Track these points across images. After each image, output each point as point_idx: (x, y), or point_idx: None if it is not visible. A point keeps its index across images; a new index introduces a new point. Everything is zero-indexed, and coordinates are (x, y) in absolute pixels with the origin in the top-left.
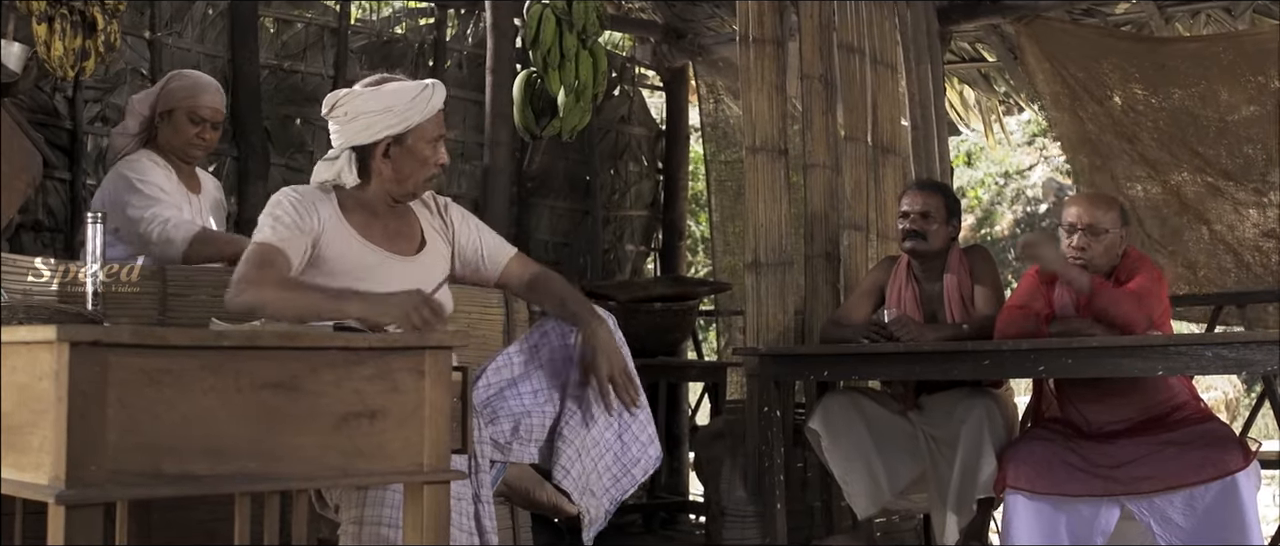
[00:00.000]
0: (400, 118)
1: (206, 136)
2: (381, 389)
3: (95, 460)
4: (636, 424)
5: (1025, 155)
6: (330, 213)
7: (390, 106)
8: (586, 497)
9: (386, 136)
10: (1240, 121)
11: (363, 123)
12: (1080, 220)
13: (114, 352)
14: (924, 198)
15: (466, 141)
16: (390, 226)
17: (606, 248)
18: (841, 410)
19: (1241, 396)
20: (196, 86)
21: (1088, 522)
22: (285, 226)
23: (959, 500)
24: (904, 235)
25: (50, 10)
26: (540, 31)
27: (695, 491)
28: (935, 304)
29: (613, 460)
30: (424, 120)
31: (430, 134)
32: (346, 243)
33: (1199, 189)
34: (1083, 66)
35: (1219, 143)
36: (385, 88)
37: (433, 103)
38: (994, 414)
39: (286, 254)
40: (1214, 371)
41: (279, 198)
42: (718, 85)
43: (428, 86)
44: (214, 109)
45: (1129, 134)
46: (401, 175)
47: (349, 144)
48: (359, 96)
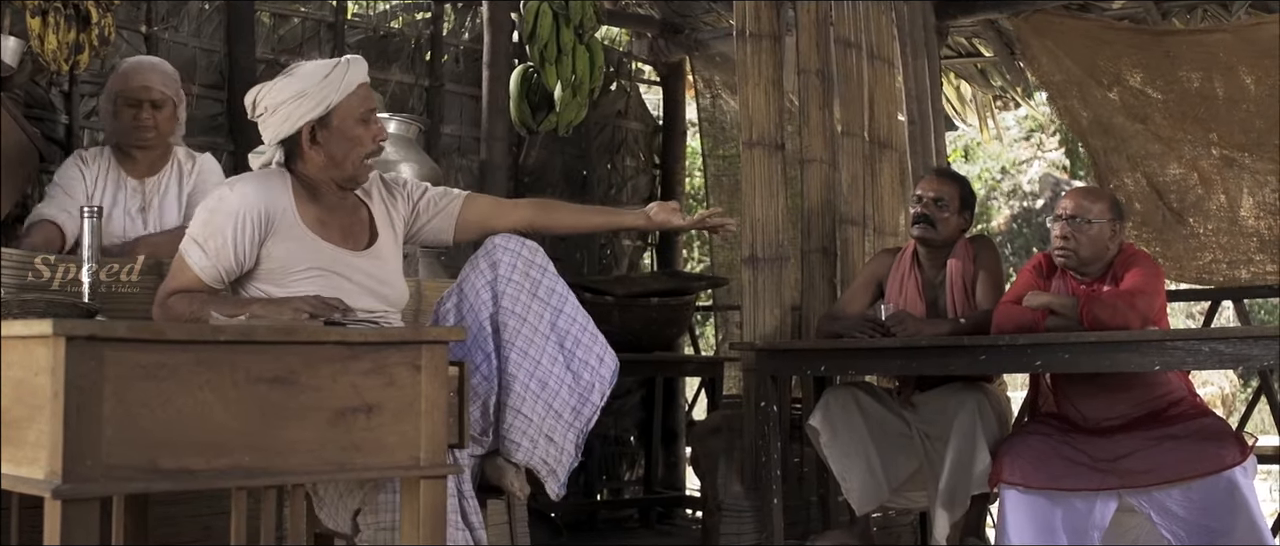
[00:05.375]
0: (316, 100)
1: (147, 119)
2: (378, 383)
3: (91, 455)
4: (582, 346)
5: (1022, 150)
6: (285, 206)
7: (303, 91)
8: (545, 447)
9: (308, 121)
10: (1250, 99)
11: (282, 114)
12: (1065, 209)
13: (110, 347)
14: (940, 184)
15: (463, 136)
16: (344, 221)
17: (603, 242)
18: (841, 406)
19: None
20: (130, 70)
21: (1084, 516)
22: (215, 237)
23: (951, 495)
24: (914, 219)
25: (44, 4)
26: (537, 26)
27: (692, 486)
28: (938, 292)
29: (568, 393)
30: (344, 98)
31: (356, 111)
32: (300, 242)
33: (1216, 162)
34: (1085, 56)
35: (1231, 119)
36: (298, 71)
37: (349, 78)
38: (985, 409)
39: (202, 276)
40: (1211, 366)
41: (226, 197)
42: (715, 80)
43: (341, 63)
44: (144, 87)
45: (1140, 115)
46: (335, 159)
47: (276, 139)
48: (274, 88)
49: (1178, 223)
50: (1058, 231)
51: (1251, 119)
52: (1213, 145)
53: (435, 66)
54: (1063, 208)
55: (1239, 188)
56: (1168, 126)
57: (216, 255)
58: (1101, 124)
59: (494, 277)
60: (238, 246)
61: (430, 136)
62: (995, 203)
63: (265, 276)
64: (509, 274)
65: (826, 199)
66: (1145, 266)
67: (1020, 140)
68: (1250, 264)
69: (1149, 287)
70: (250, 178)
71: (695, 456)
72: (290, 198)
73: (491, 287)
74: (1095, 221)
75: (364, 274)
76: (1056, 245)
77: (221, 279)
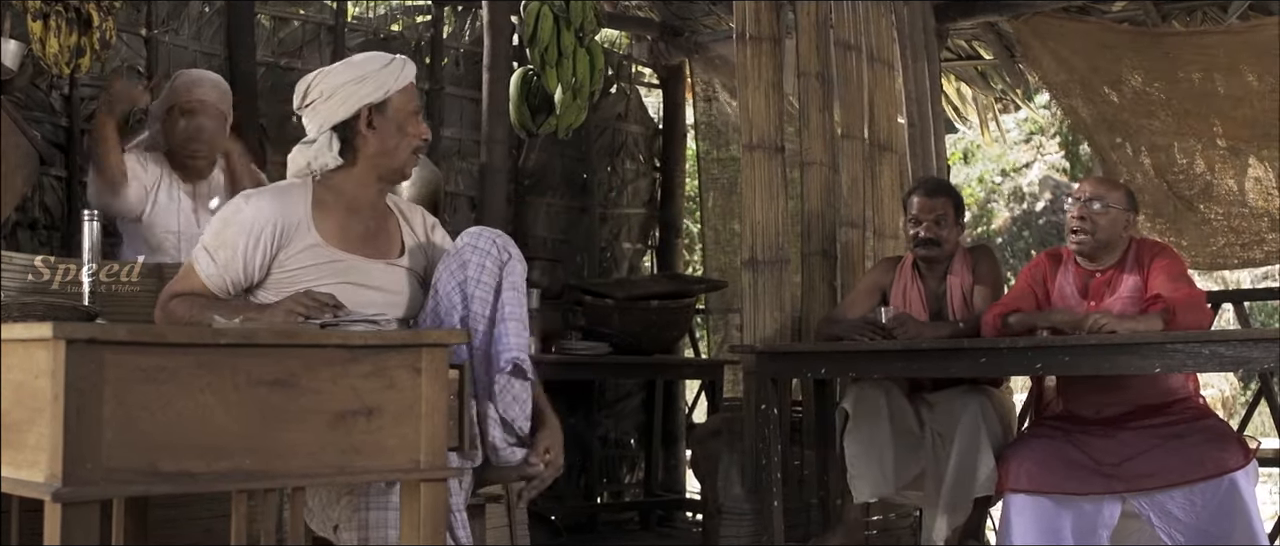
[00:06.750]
0: (377, 84)
1: (198, 130)
2: (378, 386)
3: (92, 458)
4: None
5: (1022, 153)
6: (301, 219)
7: (365, 74)
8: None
9: (367, 105)
10: (1252, 96)
11: (340, 97)
12: (1084, 193)
13: (110, 350)
14: (935, 203)
15: (463, 139)
16: (370, 226)
17: (603, 245)
18: (872, 398)
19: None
20: (190, 81)
21: (1090, 519)
22: (225, 249)
23: (953, 500)
24: (918, 242)
25: (45, 7)
26: (537, 29)
27: (692, 489)
28: (941, 302)
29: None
30: (400, 89)
31: (409, 105)
32: (313, 253)
33: (1222, 151)
34: (1087, 57)
35: (1235, 114)
36: (356, 57)
37: (405, 73)
38: (989, 412)
39: (208, 284)
40: (1212, 369)
41: (242, 209)
42: (715, 83)
43: (397, 58)
44: (201, 100)
45: (1146, 111)
46: (387, 146)
47: (329, 123)
48: (332, 72)
49: (1188, 210)
50: (1075, 213)
51: (1255, 114)
52: (1218, 137)
53: (435, 69)
54: (1081, 191)
55: (1245, 172)
56: (1173, 121)
57: (225, 266)
58: (1106, 121)
59: (464, 278)
60: (248, 260)
61: (431, 139)
62: (995, 205)
63: (276, 286)
64: (477, 275)
65: (826, 202)
66: (1171, 258)
67: (1020, 143)
68: (1263, 244)
69: (1194, 291)
70: (268, 190)
71: (695, 459)
72: (307, 209)
73: (461, 289)
74: (1113, 207)
75: (382, 282)
76: (1073, 227)
77: (227, 289)
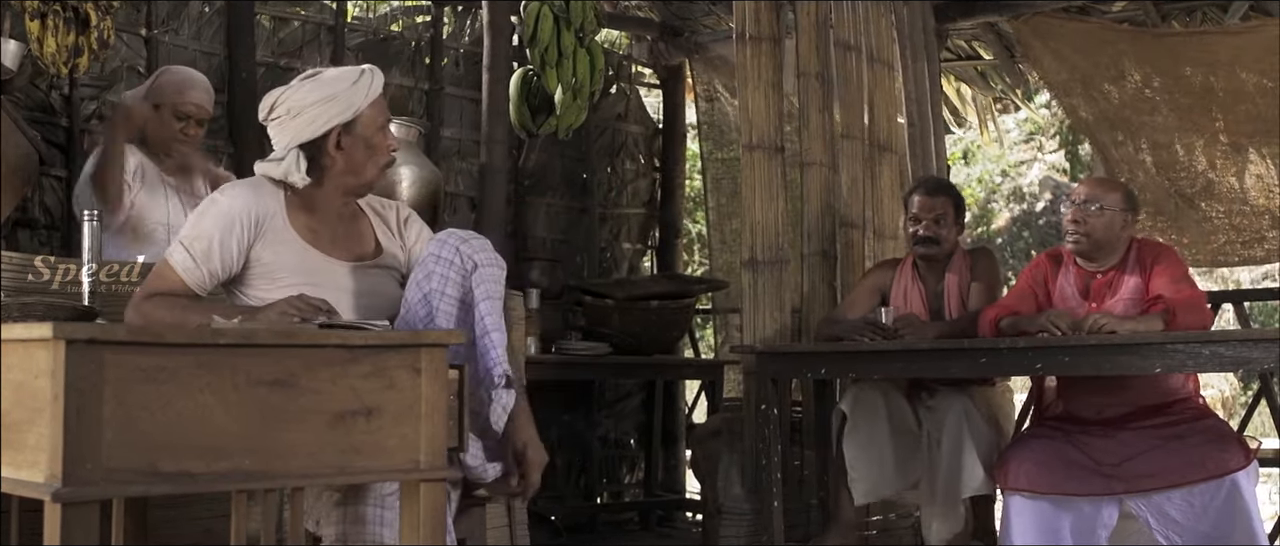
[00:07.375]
0: (345, 104)
1: (191, 132)
2: (378, 386)
3: (91, 458)
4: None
5: (1022, 153)
6: (275, 212)
7: (333, 94)
8: None
9: (335, 125)
10: (1254, 93)
11: (308, 117)
12: (1079, 195)
13: (110, 350)
14: (935, 201)
15: (463, 139)
16: (338, 231)
17: (603, 246)
18: (870, 399)
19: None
20: (185, 83)
21: (1090, 520)
22: (202, 241)
23: (944, 500)
24: (917, 240)
25: (43, 7)
26: (538, 29)
27: (692, 489)
28: (941, 302)
29: None
30: (368, 105)
31: (377, 120)
32: (289, 247)
33: (1224, 148)
34: (1087, 54)
35: (1236, 111)
36: (324, 76)
37: (374, 87)
38: (972, 413)
39: (186, 279)
40: (1211, 369)
41: (217, 200)
42: (715, 83)
43: (366, 71)
44: (198, 105)
45: (1147, 107)
46: (355, 165)
47: (296, 141)
48: (299, 90)
49: (1189, 208)
50: (1071, 215)
51: (1256, 110)
52: (1219, 133)
53: (435, 70)
54: (1077, 193)
55: (1246, 169)
56: (1174, 117)
57: (203, 258)
58: (1108, 118)
59: (428, 290)
60: (225, 249)
61: (430, 140)
62: (995, 205)
63: (251, 280)
64: (441, 287)
65: (826, 202)
66: (1170, 260)
67: (1020, 143)
68: (1263, 242)
69: (1195, 291)
70: (243, 183)
71: (695, 459)
72: (281, 204)
73: (427, 300)
74: (1109, 209)
75: (352, 283)
76: (1069, 230)
77: (204, 283)
